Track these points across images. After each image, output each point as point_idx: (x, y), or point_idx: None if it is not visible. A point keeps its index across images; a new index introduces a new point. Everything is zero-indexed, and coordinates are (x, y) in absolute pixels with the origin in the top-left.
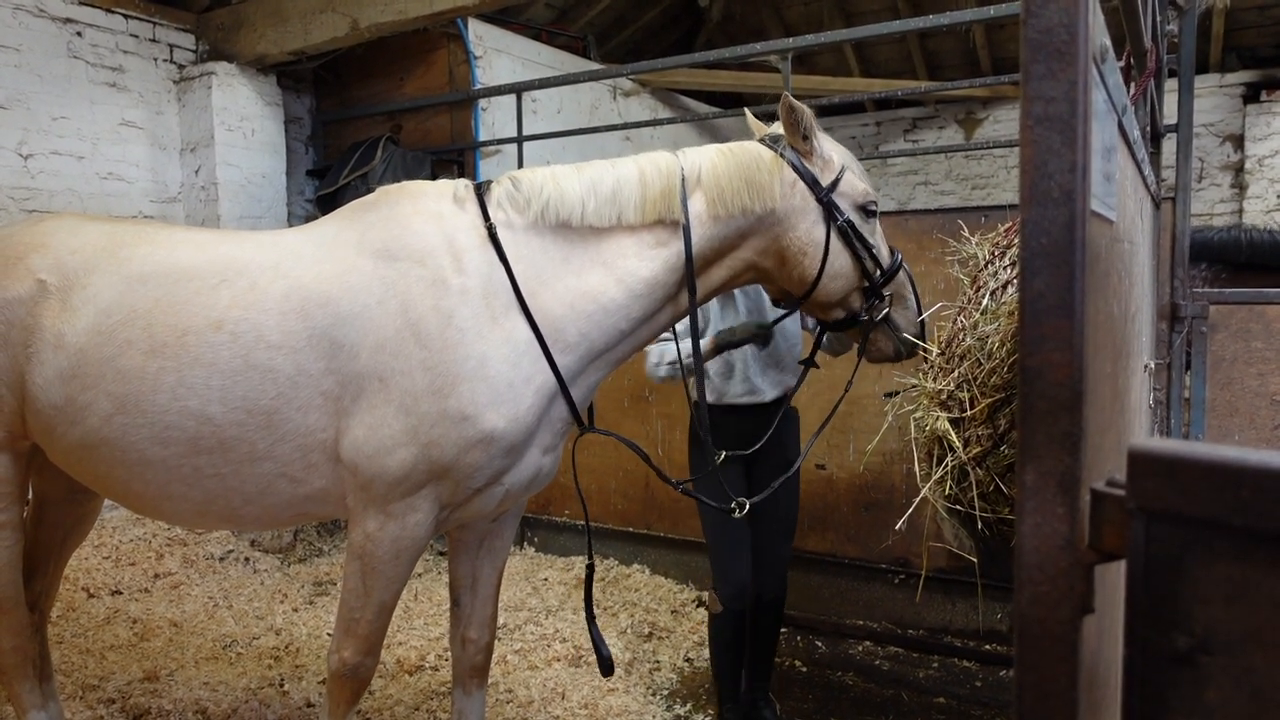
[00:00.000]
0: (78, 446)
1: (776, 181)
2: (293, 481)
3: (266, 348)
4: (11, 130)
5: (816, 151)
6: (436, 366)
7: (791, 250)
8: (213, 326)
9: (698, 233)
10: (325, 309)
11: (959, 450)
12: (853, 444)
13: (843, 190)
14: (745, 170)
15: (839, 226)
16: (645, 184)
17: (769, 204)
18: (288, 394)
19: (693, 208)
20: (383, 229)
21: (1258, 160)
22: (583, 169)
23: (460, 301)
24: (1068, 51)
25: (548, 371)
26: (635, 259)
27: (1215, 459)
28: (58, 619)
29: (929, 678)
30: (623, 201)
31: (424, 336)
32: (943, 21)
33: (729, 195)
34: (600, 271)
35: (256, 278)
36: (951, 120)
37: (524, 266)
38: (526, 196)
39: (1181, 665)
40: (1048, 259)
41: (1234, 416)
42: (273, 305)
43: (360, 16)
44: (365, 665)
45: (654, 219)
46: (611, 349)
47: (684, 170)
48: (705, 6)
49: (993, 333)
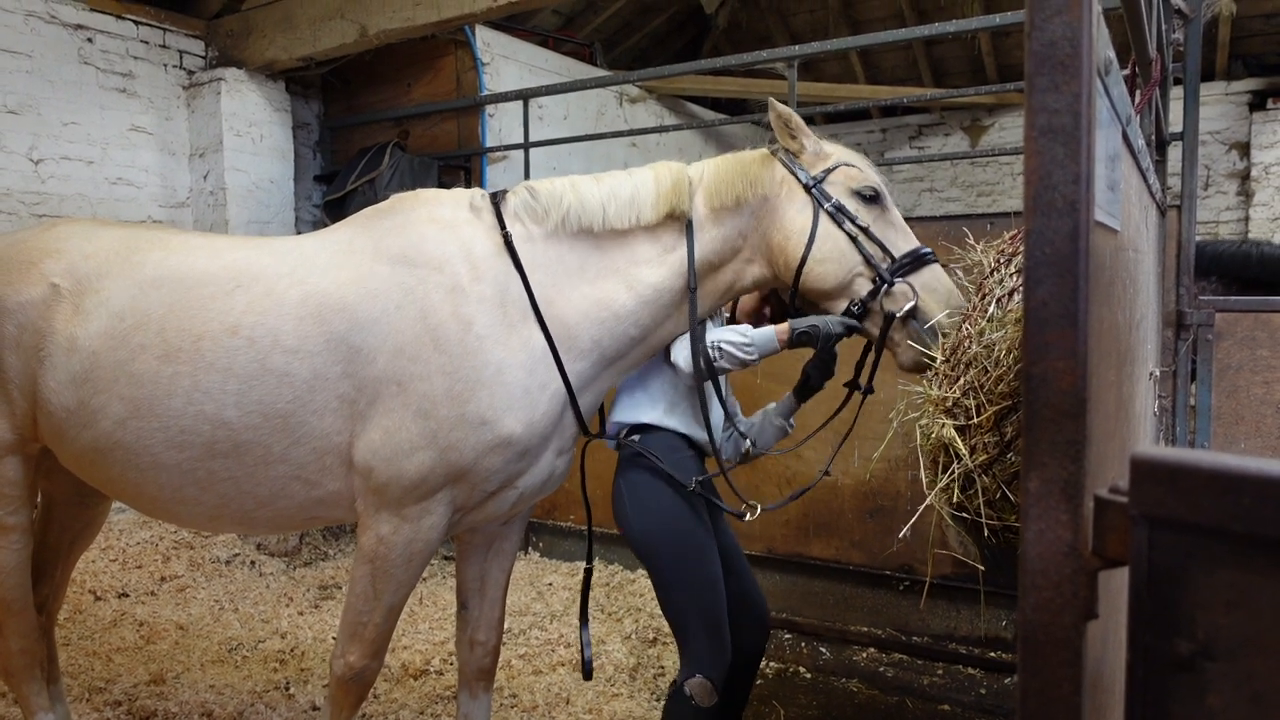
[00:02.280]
0: (90, 450)
1: (766, 173)
2: (307, 484)
3: (283, 352)
4: (22, 135)
5: (808, 149)
6: (456, 372)
7: (778, 237)
8: (228, 331)
9: (702, 232)
10: (342, 314)
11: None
12: (858, 450)
13: (834, 179)
14: (741, 165)
15: (827, 210)
16: (659, 181)
17: (761, 190)
18: (304, 398)
19: (696, 204)
20: (399, 235)
21: (1264, 168)
22: (601, 179)
23: (479, 308)
24: (1071, 64)
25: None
26: (645, 265)
27: (1216, 466)
28: (65, 621)
29: (933, 685)
30: (640, 202)
31: (443, 342)
32: (948, 29)
33: (724, 187)
34: (613, 279)
35: (273, 284)
36: (957, 127)
37: (541, 275)
38: (545, 206)
39: (1183, 671)
40: (1051, 268)
41: (1239, 424)
42: (289, 310)
43: (369, 23)
44: (370, 669)
45: (666, 211)
46: (623, 356)
47: (689, 174)
48: (711, 14)
49: (999, 340)
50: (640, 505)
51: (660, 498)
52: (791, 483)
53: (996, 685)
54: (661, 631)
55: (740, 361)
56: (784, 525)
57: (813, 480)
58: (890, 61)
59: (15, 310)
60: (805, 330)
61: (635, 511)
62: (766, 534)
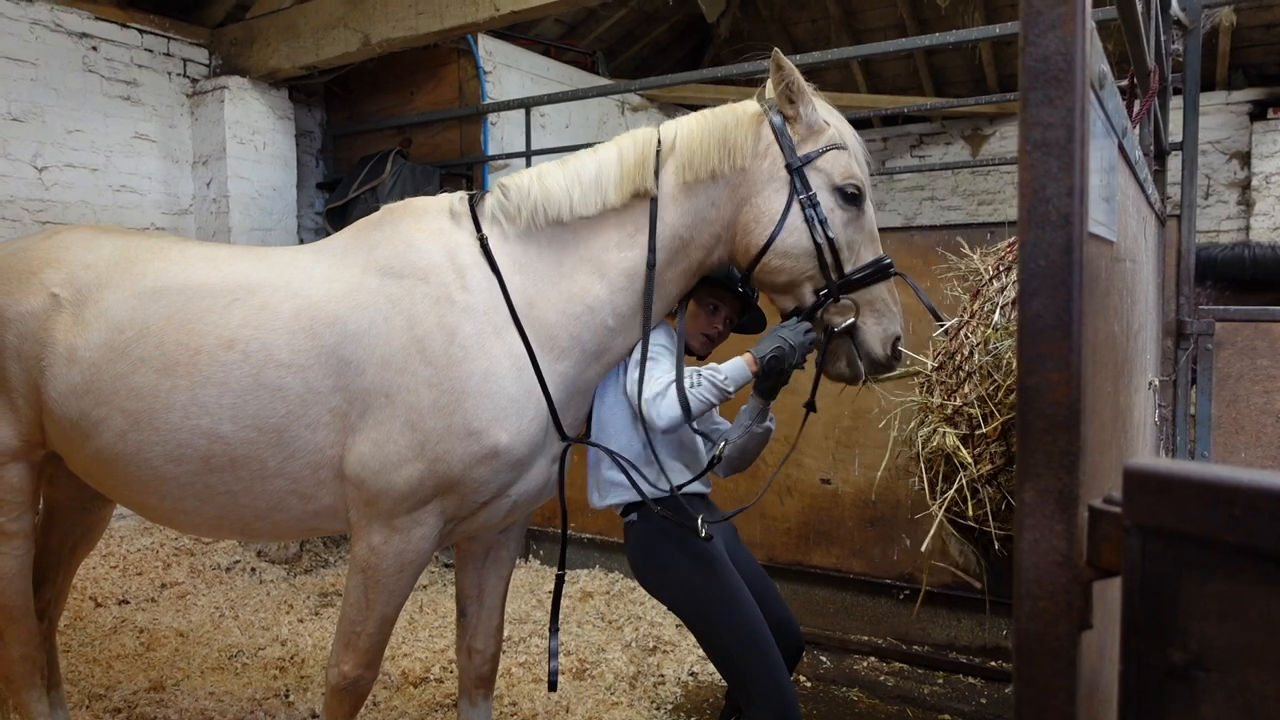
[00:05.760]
0: (93, 460)
1: (750, 139)
2: (303, 498)
3: (276, 366)
4: (27, 143)
5: (802, 118)
6: (442, 383)
7: (747, 217)
8: (224, 345)
9: (669, 208)
10: (333, 327)
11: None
12: (858, 459)
13: (821, 166)
14: (722, 129)
15: (801, 201)
16: (622, 158)
17: (739, 162)
18: (297, 412)
19: (664, 180)
20: (387, 247)
21: (1264, 177)
22: (567, 161)
23: (464, 317)
24: (1065, 79)
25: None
26: (616, 250)
27: (1208, 478)
28: (65, 628)
29: (934, 694)
30: (604, 183)
31: (429, 353)
32: (949, 39)
33: (699, 158)
34: (586, 269)
35: (268, 297)
36: (958, 136)
37: (521, 276)
38: (516, 204)
39: (1177, 680)
40: (1045, 281)
41: (1240, 434)
42: (282, 324)
43: (372, 32)
44: (365, 679)
45: (630, 193)
46: (605, 348)
47: (660, 138)
48: (713, 23)
49: (1006, 349)
50: (661, 569)
51: (678, 556)
52: (791, 490)
53: (997, 694)
54: (662, 640)
55: (720, 395)
56: (785, 534)
57: (755, 497)
58: (891, 70)
59: (15, 320)
60: (773, 355)
61: (659, 579)
62: (767, 542)
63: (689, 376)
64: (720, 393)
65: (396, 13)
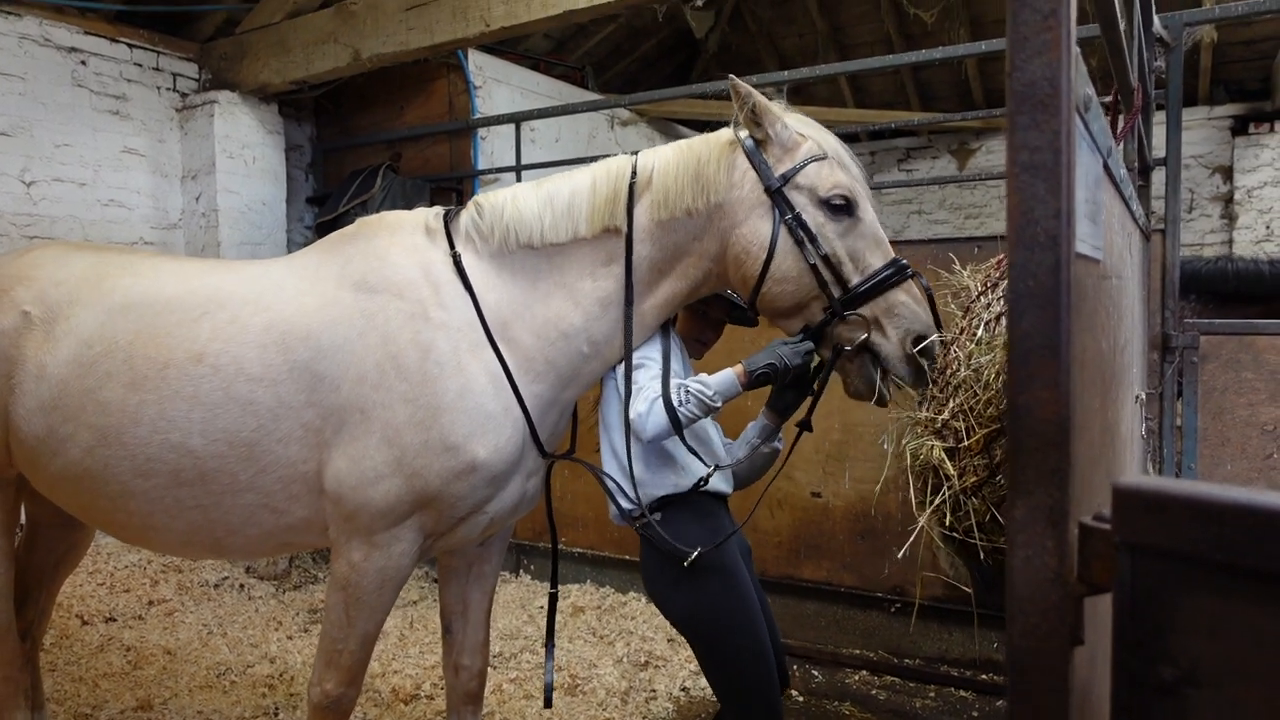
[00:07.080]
0: (60, 478)
1: (724, 171)
2: (275, 512)
3: (247, 380)
4: (15, 157)
5: (774, 138)
6: (418, 398)
7: (736, 249)
8: (193, 359)
9: (644, 243)
10: (306, 342)
11: (954, 480)
12: (848, 472)
13: (802, 182)
14: (695, 164)
15: (787, 223)
16: (595, 190)
17: (714, 198)
18: (268, 426)
19: (638, 215)
20: (362, 262)
21: (1247, 191)
22: (543, 183)
23: (440, 334)
24: (1051, 103)
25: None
26: (590, 279)
27: (1196, 495)
28: (51, 646)
29: (925, 708)
30: (576, 213)
31: (404, 369)
32: (935, 55)
33: (672, 196)
34: (561, 295)
35: (238, 310)
36: (945, 150)
37: (496, 296)
38: (490, 224)
39: (1167, 697)
40: (1034, 300)
41: (1225, 446)
42: (253, 338)
43: (362, 47)
44: (347, 697)
45: (601, 228)
46: (578, 374)
47: (636, 171)
48: (701, 38)
49: (988, 364)
50: (677, 578)
51: (695, 571)
52: (783, 504)
53: (989, 708)
54: (654, 655)
55: (706, 409)
56: (775, 547)
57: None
58: (878, 86)
59: None
60: (763, 371)
61: (674, 583)
62: (757, 555)
63: (676, 392)
64: (707, 409)
65: (387, 28)
